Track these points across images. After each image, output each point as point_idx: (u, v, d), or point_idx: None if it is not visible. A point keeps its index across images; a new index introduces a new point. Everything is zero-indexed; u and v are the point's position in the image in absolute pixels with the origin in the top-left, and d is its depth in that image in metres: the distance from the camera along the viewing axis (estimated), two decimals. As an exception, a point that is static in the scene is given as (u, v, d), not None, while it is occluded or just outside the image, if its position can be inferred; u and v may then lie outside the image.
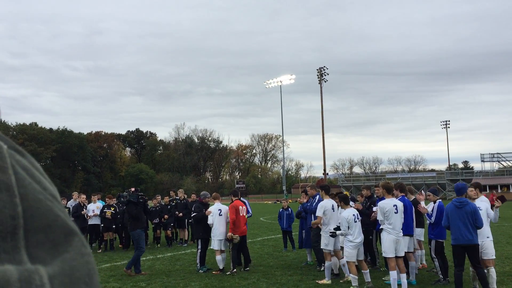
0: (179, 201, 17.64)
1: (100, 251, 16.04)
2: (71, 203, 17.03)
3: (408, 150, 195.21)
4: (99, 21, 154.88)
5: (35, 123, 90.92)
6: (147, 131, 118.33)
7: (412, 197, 10.75)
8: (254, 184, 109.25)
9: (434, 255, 9.71)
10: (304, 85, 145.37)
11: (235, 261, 11.55)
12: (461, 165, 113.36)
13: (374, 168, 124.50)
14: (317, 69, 68.88)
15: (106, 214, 16.14)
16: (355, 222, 9.36)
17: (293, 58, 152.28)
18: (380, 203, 9.09)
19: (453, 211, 8.35)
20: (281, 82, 67.31)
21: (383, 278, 10.13)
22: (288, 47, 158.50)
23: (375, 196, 11.70)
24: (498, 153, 72.15)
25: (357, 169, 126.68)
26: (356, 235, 9.32)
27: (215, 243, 11.55)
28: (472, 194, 8.98)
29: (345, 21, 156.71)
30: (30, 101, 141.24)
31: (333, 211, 10.24)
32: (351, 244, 9.28)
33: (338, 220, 10.02)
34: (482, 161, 72.61)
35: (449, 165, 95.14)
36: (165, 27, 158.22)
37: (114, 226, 16.43)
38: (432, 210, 9.93)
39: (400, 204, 9.07)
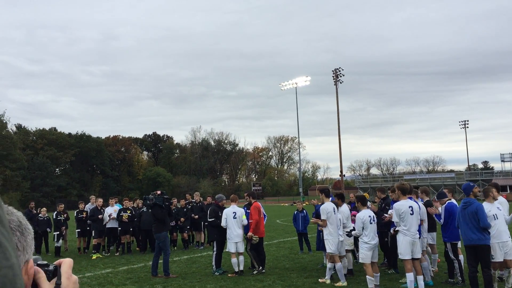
0: (195, 204, 17.71)
1: (117, 254, 16.19)
2: (88, 207, 17.23)
3: (426, 151, 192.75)
4: (114, 26, 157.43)
5: (54, 128, 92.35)
6: (164, 134, 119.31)
7: (426, 199, 10.60)
8: (270, 187, 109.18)
9: (453, 257, 9.54)
10: (319, 86, 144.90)
11: (257, 260, 11.61)
12: (480, 166, 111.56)
13: (392, 169, 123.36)
14: (333, 71, 68.61)
15: (123, 217, 16.30)
16: (371, 223, 9.33)
17: (307, 60, 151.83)
18: (396, 205, 8.97)
19: (460, 212, 8.41)
20: (296, 84, 67.17)
21: (400, 281, 10.02)
22: (302, 48, 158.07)
23: (390, 198, 11.56)
24: (519, 153, 70.82)
25: (374, 171, 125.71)
26: (372, 237, 9.32)
27: (231, 245, 11.59)
28: (476, 191, 8.79)
29: (359, 22, 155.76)
30: (48, 107, 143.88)
31: (334, 213, 10.30)
32: (367, 245, 9.25)
33: (338, 222, 10.19)
34: (502, 161, 71.45)
35: (468, 165, 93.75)
36: (178, 31, 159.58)
37: (131, 229, 16.59)
38: (441, 212, 9.84)
39: (415, 206, 8.98)
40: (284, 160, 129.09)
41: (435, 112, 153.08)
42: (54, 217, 16.64)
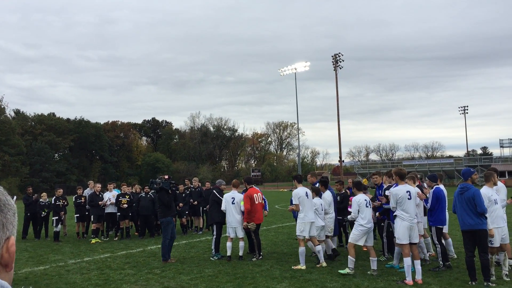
0: (193, 190, 17.74)
1: (116, 239, 16.24)
2: (87, 192, 17.25)
3: (426, 137, 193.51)
4: (110, 10, 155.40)
5: (53, 114, 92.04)
6: (163, 120, 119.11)
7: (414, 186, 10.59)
8: (269, 172, 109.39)
9: (436, 241, 9.64)
10: (318, 72, 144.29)
11: (259, 248, 11.67)
12: (479, 151, 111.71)
13: (391, 155, 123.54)
14: (332, 56, 68.24)
15: (122, 202, 16.32)
16: (367, 207, 9.55)
17: (306, 45, 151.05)
18: (393, 190, 9.00)
19: (456, 197, 8.44)
20: (295, 69, 66.79)
21: (388, 263, 10.25)
22: (301, 33, 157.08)
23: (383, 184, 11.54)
24: (518, 139, 70.84)
25: (373, 156, 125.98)
26: (368, 220, 9.47)
27: (229, 230, 11.79)
28: (475, 178, 8.88)
29: (359, 6, 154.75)
30: (45, 92, 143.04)
31: (307, 197, 10.49)
32: (362, 228, 9.45)
33: (312, 206, 10.48)
34: (501, 146, 71.56)
35: (467, 151, 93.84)
36: (176, 15, 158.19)
37: (130, 214, 16.63)
38: (429, 196, 9.87)
39: (413, 190, 9.00)
40: (283, 146, 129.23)
41: (435, 98, 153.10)
42: (53, 202, 16.65)
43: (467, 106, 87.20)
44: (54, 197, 16.91)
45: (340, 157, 70.52)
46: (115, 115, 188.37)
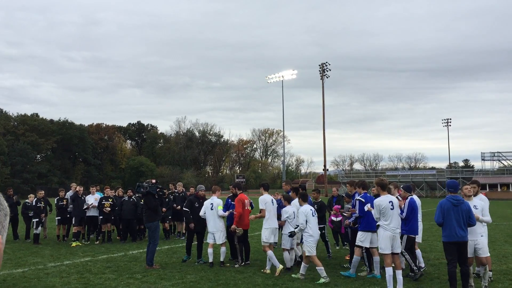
0: (177, 194, 17.64)
1: (97, 242, 16.05)
2: (69, 194, 17.04)
3: (409, 148, 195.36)
4: (96, 11, 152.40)
5: (36, 114, 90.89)
6: (148, 124, 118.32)
7: (396, 194, 10.77)
8: (254, 179, 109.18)
9: (403, 250, 9.73)
10: (304, 80, 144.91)
11: (242, 253, 11.69)
12: (461, 164, 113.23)
13: (375, 165, 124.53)
14: (319, 65, 68.77)
15: (105, 206, 16.17)
16: (313, 216, 9.90)
17: (292, 52, 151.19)
18: (376, 201, 9.08)
19: (450, 208, 8.37)
20: (283, 77, 67.06)
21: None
22: (287, 41, 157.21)
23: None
24: (499, 152, 72.08)
25: (357, 166, 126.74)
26: (314, 230, 9.82)
27: (208, 236, 11.81)
28: (467, 191, 9.09)
29: (344, 15, 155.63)
30: (27, 92, 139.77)
31: (272, 204, 10.99)
32: (312, 238, 9.71)
33: (276, 213, 10.91)
34: (483, 159, 72.60)
35: (449, 163, 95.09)
36: (162, 18, 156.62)
37: (112, 218, 16.47)
38: (404, 206, 10.04)
39: (395, 201, 9.12)
40: (268, 153, 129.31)
41: (419, 109, 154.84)
42: (34, 203, 16.41)
43: (450, 119, 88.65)
44: (35, 198, 16.68)
45: (325, 166, 70.92)
46: (99, 117, 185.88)
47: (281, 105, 67.80)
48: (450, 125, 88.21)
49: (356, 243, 10.17)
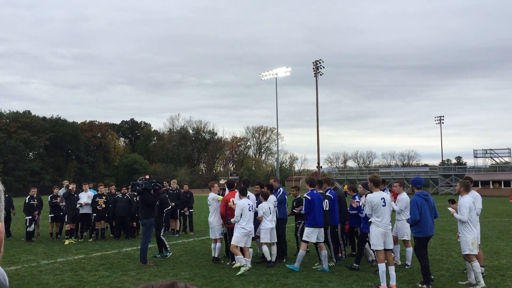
0: (171, 192, 17.60)
1: (91, 240, 16.01)
2: (61, 192, 16.96)
3: (402, 145, 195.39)
4: (84, 7, 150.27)
5: (29, 111, 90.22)
6: (142, 121, 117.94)
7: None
8: (247, 176, 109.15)
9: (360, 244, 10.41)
10: (297, 77, 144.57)
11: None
12: (454, 161, 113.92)
13: (368, 162, 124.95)
14: (313, 62, 68.75)
15: (99, 203, 16.12)
16: (249, 211, 10.33)
17: (284, 49, 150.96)
18: (368, 197, 9.15)
19: (424, 204, 8.77)
20: (276, 74, 67.02)
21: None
22: (279, 38, 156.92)
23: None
24: (491, 149, 72.49)
25: (351, 163, 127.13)
26: (247, 223, 10.28)
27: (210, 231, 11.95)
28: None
29: (336, 12, 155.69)
30: (17, 89, 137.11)
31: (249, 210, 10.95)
32: (243, 230, 10.26)
33: (252, 218, 10.81)
34: (475, 156, 72.95)
35: (442, 160, 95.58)
36: (152, 14, 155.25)
37: (106, 215, 16.44)
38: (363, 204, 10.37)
39: (387, 197, 9.22)
40: (262, 151, 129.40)
41: (410, 107, 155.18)
42: (27, 201, 16.32)
43: (443, 116, 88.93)
44: (28, 196, 16.59)
45: (318, 163, 70.99)
46: (90, 115, 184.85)
47: (274, 103, 67.97)
48: (443, 123, 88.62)
49: (303, 239, 10.55)
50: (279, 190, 12.18)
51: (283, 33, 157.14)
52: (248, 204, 10.43)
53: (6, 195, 16.76)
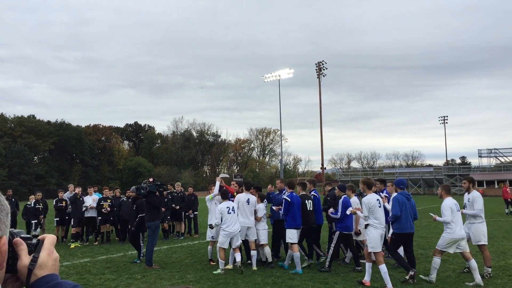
0: (176, 194, 17.64)
1: (96, 243, 16.05)
2: (67, 195, 17.00)
3: (406, 145, 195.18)
4: (85, 10, 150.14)
5: (33, 116, 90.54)
6: (145, 124, 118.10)
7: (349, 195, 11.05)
8: (252, 178, 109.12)
9: (332, 245, 10.46)
10: (299, 78, 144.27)
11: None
12: (458, 161, 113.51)
13: (372, 163, 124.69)
14: (316, 64, 68.78)
15: (104, 206, 16.17)
16: (229, 213, 10.58)
17: (285, 51, 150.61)
18: (365, 199, 9.26)
19: (405, 202, 9.19)
20: (279, 76, 67.08)
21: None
22: (280, 39, 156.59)
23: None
24: (496, 149, 72.29)
25: (355, 164, 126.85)
26: (229, 225, 10.53)
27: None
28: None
29: (337, 12, 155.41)
30: (20, 93, 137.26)
31: (233, 212, 11.01)
32: (224, 232, 10.56)
33: (236, 220, 10.96)
34: (480, 156, 72.77)
35: (446, 160, 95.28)
36: (153, 17, 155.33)
37: (111, 218, 16.47)
38: (338, 206, 10.69)
39: (381, 199, 9.48)
40: (266, 152, 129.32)
41: (413, 107, 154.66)
42: (32, 205, 16.38)
43: (447, 116, 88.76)
44: (34, 200, 16.65)
45: (322, 164, 70.93)
46: (93, 118, 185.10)
47: (277, 104, 68.02)
48: (447, 123, 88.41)
49: (286, 241, 10.76)
50: (284, 191, 12.16)
51: (285, 34, 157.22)
52: (227, 207, 10.64)
53: (13, 199, 16.90)
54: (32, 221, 16.10)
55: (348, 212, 10.26)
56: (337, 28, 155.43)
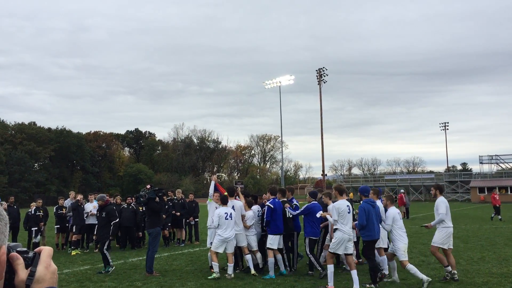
0: (176, 201, 17.61)
1: (96, 250, 15.97)
2: (67, 202, 16.99)
3: (407, 152, 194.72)
4: (84, 17, 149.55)
5: (34, 122, 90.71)
6: (146, 131, 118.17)
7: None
8: (252, 185, 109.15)
9: (309, 252, 10.66)
10: (299, 84, 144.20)
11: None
12: (459, 167, 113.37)
13: (373, 170, 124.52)
14: (317, 70, 68.87)
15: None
16: (226, 219, 10.76)
17: (284, 57, 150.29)
18: (336, 204, 9.67)
19: (370, 210, 9.47)
20: (280, 82, 67.16)
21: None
22: (279, 45, 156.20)
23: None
24: (497, 155, 72.17)
25: (356, 170, 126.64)
26: (225, 231, 10.72)
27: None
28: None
29: (335, 19, 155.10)
30: (19, 100, 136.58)
31: (231, 218, 11.10)
32: (220, 237, 10.73)
33: (233, 225, 11.08)
34: (481, 163, 72.60)
35: (447, 167, 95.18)
36: (152, 24, 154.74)
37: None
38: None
39: (350, 205, 9.84)
40: (267, 159, 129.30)
41: (413, 113, 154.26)
42: (32, 212, 16.36)
43: (448, 123, 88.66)
44: (34, 207, 16.62)
45: (323, 171, 70.87)
46: (93, 125, 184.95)
47: (277, 110, 68.10)
48: (448, 129, 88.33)
49: (267, 246, 10.96)
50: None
51: (284, 41, 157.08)
52: (225, 213, 10.81)
53: (15, 206, 16.85)
54: (32, 228, 16.07)
55: (318, 215, 10.68)
56: (336, 35, 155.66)
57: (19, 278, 1.28)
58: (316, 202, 11.22)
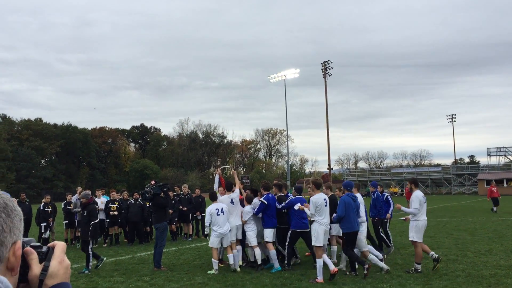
0: (183, 196, 17.69)
1: (105, 245, 16.11)
2: (75, 198, 17.10)
3: (413, 145, 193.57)
4: (87, 11, 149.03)
5: (40, 119, 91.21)
6: (152, 126, 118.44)
7: (330, 193, 11.18)
8: (258, 179, 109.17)
9: (287, 244, 10.83)
10: (304, 78, 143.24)
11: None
12: (467, 160, 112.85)
13: (380, 163, 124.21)
14: (322, 63, 68.65)
15: (111, 209, 16.25)
16: (218, 215, 10.91)
17: (289, 50, 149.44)
18: (313, 198, 9.91)
19: (350, 203, 9.85)
20: (285, 76, 66.99)
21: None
22: (283, 38, 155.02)
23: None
24: (505, 147, 71.72)
25: (362, 164, 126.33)
26: (221, 226, 10.88)
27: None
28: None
29: (340, 12, 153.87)
30: (25, 96, 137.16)
31: (223, 213, 11.20)
32: (215, 233, 10.92)
33: (226, 221, 11.17)
34: (489, 155, 72.25)
35: (455, 159, 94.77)
36: (155, 18, 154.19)
37: (119, 221, 16.56)
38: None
39: (327, 199, 10.14)
40: (272, 153, 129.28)
41: (420, 105, 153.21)
42: (41, 208, 16.49)
43: (455, 115, 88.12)
44: (43, 203, 16.76)
45: (329, 165, 70.82)
46: (98, 120, 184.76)
47: (282, 104, 68.02)
48: (455, 121, 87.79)
49: (265, 240, 11.13)
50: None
51: (288, 34, 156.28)
52: (216, 209, 10.96)
53: (27, 203, 16.96)
54: (41, 224, 16.21)
55: (296, 208, 10.76)
56: (340, 27, 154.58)
57: (33, 273, 1.29)
58: (301, 196, 11.38)
